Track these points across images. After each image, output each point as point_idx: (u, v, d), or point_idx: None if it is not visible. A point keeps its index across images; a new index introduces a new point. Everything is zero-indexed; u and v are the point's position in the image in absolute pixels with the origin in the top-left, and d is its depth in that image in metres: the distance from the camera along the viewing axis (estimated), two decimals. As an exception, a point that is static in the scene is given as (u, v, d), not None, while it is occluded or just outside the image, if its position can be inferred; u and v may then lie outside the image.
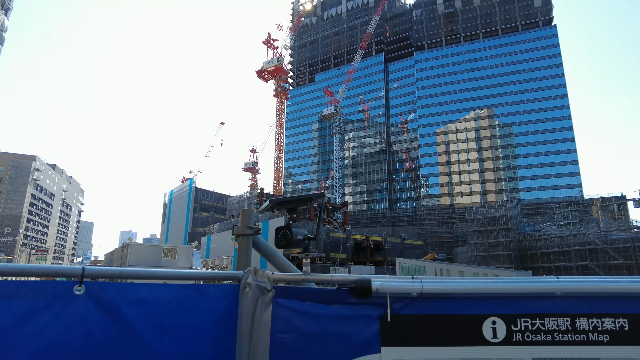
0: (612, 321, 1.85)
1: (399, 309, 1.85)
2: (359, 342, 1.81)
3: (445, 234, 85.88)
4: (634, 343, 1.83)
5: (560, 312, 1.87)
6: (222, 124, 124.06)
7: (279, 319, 1.84)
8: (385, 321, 1.83)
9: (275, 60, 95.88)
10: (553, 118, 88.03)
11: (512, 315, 1.84)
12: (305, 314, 1.85)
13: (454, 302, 1.86)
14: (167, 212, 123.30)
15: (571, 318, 1.86)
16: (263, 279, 1.87)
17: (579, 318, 1.86)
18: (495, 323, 1.82)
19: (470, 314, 1.84)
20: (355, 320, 1.84)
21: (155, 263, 49.09)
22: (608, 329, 1.85)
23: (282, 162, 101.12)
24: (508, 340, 1.81)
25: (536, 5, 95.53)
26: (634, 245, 42.26)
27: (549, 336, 1.83)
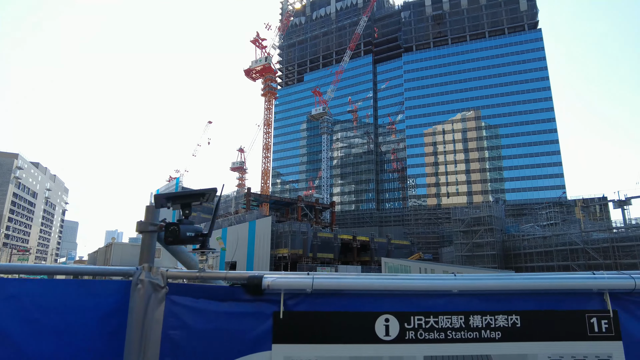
0: (505, 318, 1.86)
1: (292, 306, 1.84)
2: (251, 339, 1.79)
3: (432, 234, 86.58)
4: (525, 339, 1.84)
5: (455, 309, 1.87)
6: (210, 122, 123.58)
7: (171, 315, 1.80)
8: (278, 318, 1.81)
9: (264, 60, 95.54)
10: (538, 120, 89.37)
11: (406, 313, 1.84)
12: (197, 311, 1.82)
13: (349, 299, 1.84)
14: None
15: (465, 316, 1.86)
16: (156, 276, 1.84)
17: (473, 315, 1.86)
18: (388, 321, 1.82)
19: (363, 311, 1.82)
20: (247, 317, 1.82)
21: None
22: (501, 325, 1.86)
23: (270, 161, 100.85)
24: (401, 338, 1.81)
25: (522, 9, 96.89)
26: (613, 245, 43.16)
27: (442, 334, 1.83)
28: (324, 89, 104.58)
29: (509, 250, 53.31)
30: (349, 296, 1.85)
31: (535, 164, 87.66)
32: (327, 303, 1.84)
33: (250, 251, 66.79)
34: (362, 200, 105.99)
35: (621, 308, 1.97)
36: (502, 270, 46.45)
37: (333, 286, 1.83)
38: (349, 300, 1.84)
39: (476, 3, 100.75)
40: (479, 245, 53.02)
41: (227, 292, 1.87)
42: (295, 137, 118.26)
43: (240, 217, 73.87)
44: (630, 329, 1.95)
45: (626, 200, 46.90)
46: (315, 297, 1.84)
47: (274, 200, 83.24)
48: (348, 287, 1.84)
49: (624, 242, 43.27)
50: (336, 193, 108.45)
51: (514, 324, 1.86)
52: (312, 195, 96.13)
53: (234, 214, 77.19)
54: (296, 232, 65.36)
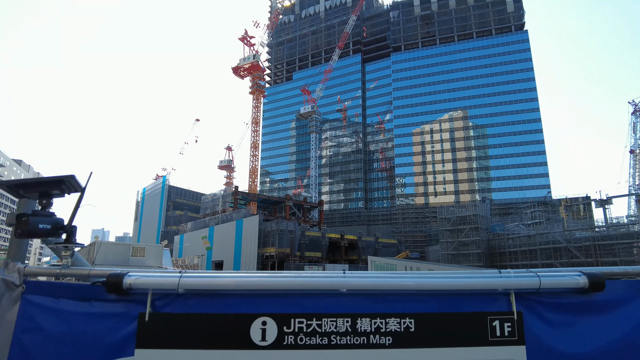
0: (397, 322, 1.71)
1: (161, 307, 1.67)
2: (113, 343, 1.62)
3: (419, 232, 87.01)
4: (418, 345, 1.69)
5: (342, 311, 1.71)
6: (197, 120, 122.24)
7: (25, 317, 1.63)
8: (143, 320, 1.63)
9: (252, 57, 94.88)
10: (524, 120, 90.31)
11: (285, 315, 1.67)
12: (56, 312, 1.64)
13: (225, 300, 1.68)
14: (139, 211, 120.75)
15: (352, 318, 1.70)
16: (12, 273, 1.67)
17: (361, 318, 1.70)
18: (265, 324, 1.65)
19: (239, 312, 1.66)
20: (110, 319, 1.64)
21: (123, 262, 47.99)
22: (392, 330, 1.70)
23: (259, 160, 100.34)
24: (278, 343, 1.64)
25: (509, 11, 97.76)
26: (594, 243, 43.80)
27: (325, 339, 1.66)
28: (313, 88, 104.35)
29: (494, 249, 53.76)
30: (225, 296, 1.69)
31: (521, 163, 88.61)
32: (199, 304, 1.67)
33: (237, 250, 66.37)
34: (351, 199, 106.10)
35: (527, 309, 1.84)
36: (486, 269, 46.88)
37: (202, 285, 1.66)
38: (225, 300, 1.68)
39: (464, 4, 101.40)
40: (465, 244, 53.37)
41: (92, 291, 1.69)
42: (284, 135, 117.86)
43: (227, 215, 73.33)
44: (536, 331, 1.81)
45: (607, 200, 47.71)
46: (187, 297, 1.68)
47: (262, 198, 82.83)
48: (220, 286, 1.67)
49: (605, 241, 43.93)
50: (325, 192, 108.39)
51: (407, 328, 1.71)
52: (300, 194, 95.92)
53: (221, 212, 76.57)
54: (284, 231, 65.07)
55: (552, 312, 1.86)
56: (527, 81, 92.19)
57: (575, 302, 1.90)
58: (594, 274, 1.88)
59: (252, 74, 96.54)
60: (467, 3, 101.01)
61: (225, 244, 69.29)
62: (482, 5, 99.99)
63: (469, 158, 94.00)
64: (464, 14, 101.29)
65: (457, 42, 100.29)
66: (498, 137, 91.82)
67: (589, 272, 1.90)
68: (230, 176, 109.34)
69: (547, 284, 1.85)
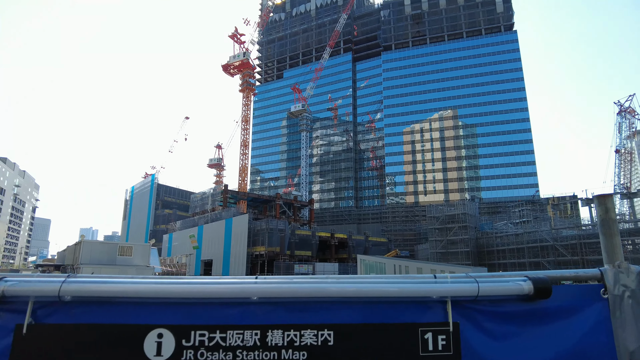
0: (314, 334, 1.50)
1: (43, 317, 1.44)
2: None
3: (409, 231, 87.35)
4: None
5: (251, 322, 1.50)
6: (187, 118, 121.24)
7: None
8: (20, 333, 1.39)
9: (242, 55, 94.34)
10: (513, 120, 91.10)
11: (185, 326, 1.46)
12: None
13: (117, 308, 1.46)
14: (128, 209, 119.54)
15: (262, 330, 1.49)
16: None
17: (272, 330, 1.49)
18: (162, 336, 1.44)
19: (131, 323, 1.44)
20: None
21: (110, 261, 46.73)
22: (308, 343, 1.50)
23: (249, 158, 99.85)
24: (175, 358, 1.44)
25: (498, 11, 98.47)
26: (581, 242, 44.29)
27: (230, 354, 1.46)
28: (304, 86, 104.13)
29: (482, 247, 54.14)
30: (118, 304, 1.46)
31: (510, 163, 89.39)
32: (88, 313, 1.45)
33: (226, 249, 66.01)
34: (341, 197, 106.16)
35: (465, 319, 1.65)
36: (475, 268, 47.21)
37: (89, 291, 1.43)
38: (117, 309, 1.46)
39: (454, 4, 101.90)
40: (453, 242, 53.66)
41: None
42: (274, 134, 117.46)
43: (216, 214, 72.86)
44: (474, 345, 1.62)
45: (593, 199, 48.25)
46: (75, 305, 1.45)
47: (252, 197, 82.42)
48: (110, 293, 1.43)
49: (590, 239, 44.41)
50: (316, 190, 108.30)
51: (326, 342, 1.50)
52: (291, 192, 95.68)
53: (210, 211, 76.04)
54: (273, 230, 64.79)
55: (494, 322, 1.68)
56: (516, 81, 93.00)
57: (520, 310, 1.73)
58: (539, 279, 1.74)
59: (242, 71, 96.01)
60: (457, 3, 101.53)
61: (214, 243, 68.85)
62: (472, 5, 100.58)
63: (458, 157, 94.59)
64: (454, 14, 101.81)
65: (447, 42, 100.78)
66: (487, 136, 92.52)
67: (534, 276, 1.77)
68: (220, 175, 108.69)
69: (487, 291, 1.67)
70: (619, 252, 1.89)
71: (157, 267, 49.90)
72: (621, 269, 1.86)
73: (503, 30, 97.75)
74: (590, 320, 1.77)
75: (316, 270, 62.66)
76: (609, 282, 1.84)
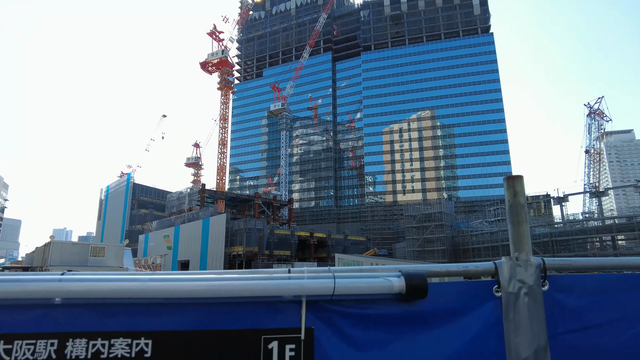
0: (127, 343, 1.21)
1: None
2: None
3: (388, 230, 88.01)
4: None
5: (48, 330, 1.21)
6: (164, 116, 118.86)
7: None
8: None
9: (220, 53, 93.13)
10: (489, 120, 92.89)
11: None
12: None
13: None
14: (103, 209, 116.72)
15: (61, 340, 1.20)
16: None
17: (73, 339, 1.20)
18: None
19: None
20: None
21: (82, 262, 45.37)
22: (118, 355, 1.21)
23: (227, 157, 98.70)
24: None
25: (475, 13, 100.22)
26: (552, 239, 45.46)
27: None
28: (283, 85, 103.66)
29: (458, 246, 54.95)
30: None
31: (486, 162, 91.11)
32: None
33: (203, 249, 65.14)
34: (321, 197, 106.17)
35: (323, 323, 1.37)
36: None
37: None
38: None
39: (433, 5, 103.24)
40: (430, 240, 54.29)
41: None
42: (254, 132, 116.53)
43: (193, 214, 71.75)
44: (332, 355, 1.35)
45: (564, 197, 49.59)
46: None
47: (230, 196, 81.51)
48: None
49: (561, 237, 45.69)
50: (295, 190, 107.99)
51: (142, 353, 1.21)
52: (270, 192, 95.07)
53: (187, 211, 74.81)
54: (252, 229, 64.20)
55: (358, 328, 1.40)
56: (492, 82, 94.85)
57: (392, 313, 1.46)
58: (413, 275, 1.45)
59: (220, 69, 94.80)
60: (436, 4, 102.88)
61: (191, 243, 67.85)
62: (450, 7, 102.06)
63: (436, 157, 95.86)
64: (432, 15, 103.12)
65: (425, 43, 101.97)
66: (464, 136, 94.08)
67: (408, 271, 1.47)
68: (197, 174, 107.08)
69: (345, 289, 1.36)
70: (527, 242, 1.69)
71: (132, 268, 48.81)
72: (519, 262, 1.60)
73: (480, 32, 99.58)
74: (477, 323, 1.52)
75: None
76: (504, 277, 1.59)
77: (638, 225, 40.09)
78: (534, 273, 1.57)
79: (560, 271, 1.68)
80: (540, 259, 1.63)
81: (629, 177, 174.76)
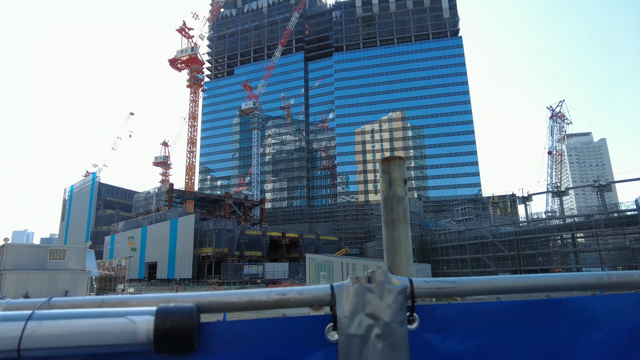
0: None
1: None
2: None
3: (359, 229, 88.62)
4: None
5: None
6: (132, 114, 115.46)
7: None
8: None
9: (190, 50, 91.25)
10: (457, 122, 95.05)
11: None
12: None
13: None
14: (67, 210, 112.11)
15: None
16: None
17: None
18: None
19: None
20: None
21: (40, 266, 43.03)
22: None
23: (197, 156, 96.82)
24: None
25: (445, 17, 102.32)
26: (517, 238, 46.76)
27: None
28: (255, 84, 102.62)
29: (426, 244, 55.77)
30: None
31: (455, 163, 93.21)
32: None
33: (172, 251, 63.58)
34: (294, 197, 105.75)
35: None
36: (419, 264, 48.52)
37: None
38: None
39: (404, 7, 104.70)
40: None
41: None
42: (225, 131, 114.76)
43: (161, 214, 69.93)
44: None
45: (528, 197, 51.17)
46: None
47: (200, 197, 79.97)
48: None
49: (525, 235, 47.06)
50: (268, 190, 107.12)
51: None
52: (241, 192, 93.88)
53: (155, 211, 72.84)
54: (222, 230, 63.17)
55: None
56: (460, 85, 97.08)
57: None
58: (175, 311, 0.91)
59: (190, 66, 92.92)
60: (407, 7, 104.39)
61: (159, 245, 66.15)
62: (421, 10, 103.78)
63: (406, 157, 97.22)
64: (403, 18, 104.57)
65: (396, 45, 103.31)
66: (433, 137, 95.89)
67: (168, 308, 0.92)
68: (166, 173, 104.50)
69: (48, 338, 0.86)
70: (404, 251, 1.18)
71: (94, 270, 46.84)
72: (370, 285, 1.01)
73: (449, 36, 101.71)
74: None
75: (266, 271, 61.87)
76: (343, 310, 0.99)
77: (595, 224, 41.77)
78: (393, 303, 1.00)
79: (438, 298, 1.12)
80: (407, 279, 1.06)
81: (588, 177, 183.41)
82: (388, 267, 1.14)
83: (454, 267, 51.94)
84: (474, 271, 49.56)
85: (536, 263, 47.11)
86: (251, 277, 58.48)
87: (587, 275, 1.17)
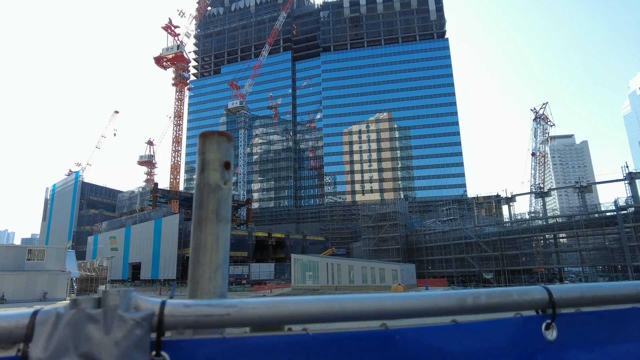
0: None
1: None
2: None
3: (346, 229, 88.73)
4: None
5: None
6: (116, 112, 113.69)
7: None
8: None
9: (176, 48, 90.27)
10: (443, 123, 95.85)
11: None
12: None
13: None
14: (48, 209, 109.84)
15: None
16: None
17: None
18: None
19: None
20: None
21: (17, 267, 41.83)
22: None
23: (182, 156, 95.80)
24: None
25: (432, 19, 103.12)
26: (501, 238, 47.33)
27: None
28: (242, 83, 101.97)
29: (412, 244, 56.09)
30: None
31: (441, 163, 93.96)
32: None
33: (156, 251, 62.73)
34: (281, 197, 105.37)
35: None
36: (404, 264, 48.68)
37: None
38: None
39: (391, 9, 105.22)
40: (385, 239, 55.10)
41: None
42: (211, 130, 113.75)
43: (145, 214, 68.97)
44: None
45: (512, 198, 51.84)
46: None
47: (185, 196, 79.08)
48: None
49: (509, 235, 47.65)
50: (255, 190, 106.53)
51: None
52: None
53: (139, 211, 71.82)
54: (207, 230, 62.42)
55: None
56: (446, 86, 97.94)
57: None
58: None
59: (175, 65, 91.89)
60: (394, 8, 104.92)
61: (143, 245, 65.22)
62: (408, 11, 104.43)
63: (393, 158, 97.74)
64: (390, 19, 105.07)
65: (383, 46, 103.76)
66: (420, 138, 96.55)
67: None
68: (150, 172, 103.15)
69: None
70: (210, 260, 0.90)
71: (75, 271, 45.85)
72: (95, 311, 0.69)
73: (436, 37, 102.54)
74: None
75: (252, 271, 61.46)
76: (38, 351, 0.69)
77: (576, 224, 42.49)
78: (125, 338, 0.67)
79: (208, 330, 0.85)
80: (160, 302, 0.75)
81: (570, 178, 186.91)
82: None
83: (439, 267, 52.32)
84: (458, 271, 49.99)
85: (519, 263, 47.75)
86: (236, 278, 57.99)
87: (442, 296, 0.83)
